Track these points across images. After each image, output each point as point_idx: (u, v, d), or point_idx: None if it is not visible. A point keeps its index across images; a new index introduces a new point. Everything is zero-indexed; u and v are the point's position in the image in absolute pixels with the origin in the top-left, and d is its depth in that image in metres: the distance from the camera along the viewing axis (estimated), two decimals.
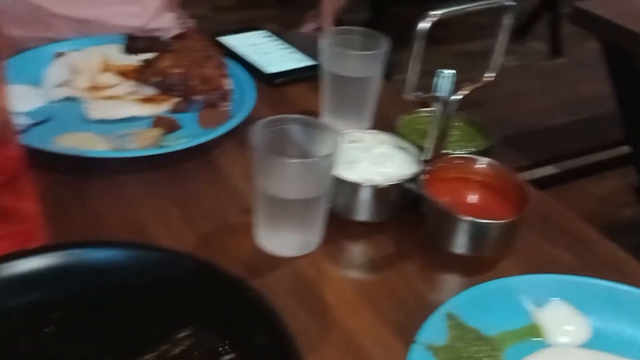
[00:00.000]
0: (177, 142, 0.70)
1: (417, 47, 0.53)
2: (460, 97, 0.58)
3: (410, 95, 0.56)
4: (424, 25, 0.52)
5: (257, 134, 0.55)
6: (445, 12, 0.52)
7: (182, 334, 0.49)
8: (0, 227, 0.54)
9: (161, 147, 0.69)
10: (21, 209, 0.54)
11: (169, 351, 0.47)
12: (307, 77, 0.86)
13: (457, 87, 0.60)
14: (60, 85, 0.78)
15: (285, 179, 0.55)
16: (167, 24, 1.10)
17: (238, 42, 0.93)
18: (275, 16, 3.49)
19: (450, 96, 0.58)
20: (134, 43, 0.82)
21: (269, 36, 0.97)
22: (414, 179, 0.59)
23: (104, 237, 0.58)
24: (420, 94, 0.57)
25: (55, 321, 0.48)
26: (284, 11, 3.50)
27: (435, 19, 0.52)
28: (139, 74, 0.78)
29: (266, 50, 0.93)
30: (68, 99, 0.76)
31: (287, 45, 0.95)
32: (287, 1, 3.41)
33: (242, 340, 0.48)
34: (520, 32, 3.06)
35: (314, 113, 0.75)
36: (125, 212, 0.63)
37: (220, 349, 0.48)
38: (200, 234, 0.61)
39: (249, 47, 0.93)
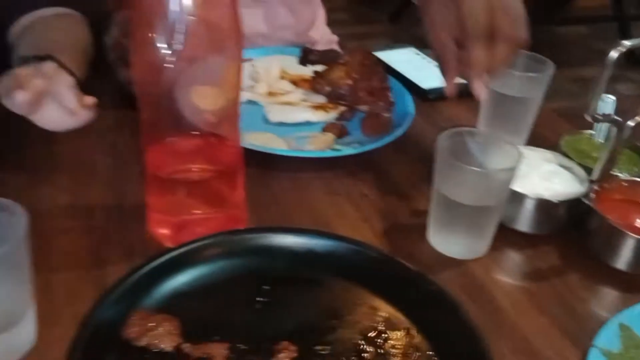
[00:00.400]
0: (351, 146, 0.77)
1: (606, 74, 0.57)
2: (636, 122, 0.62)
3: (592, 117, 0.60)
4: (614, 54, 0.56)
5: (443, 142, 0.61)
6: (636, 43, 0.56)
7: (374, 317, 0.55)
8: (216, 209, 0.62)
9: (336, 149, 0.77)
10: (234, 196, 0.62)
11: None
12: (460, 93, 0.91)
13: (629, 112, 0.63)
14: (244, 89, 0.87)
15: (467, 186, 0.60)
16: (319, 37, 1.19)
17: (392, 57, 1.00)
18: (385, 32, 3.57)
19: (627, 121, 0.61)
20: (308, 55, 0.90)
21: (419, 53, 1.03)
22: (584, 196, 0.63)
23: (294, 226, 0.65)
24: (599, 116, 0.60)
25: (265, 293, 0.55)
26: (395, 27, 3.57)
27: (624, 49, 0.56)
28: (311, 83, 0.86)
29: (419, 66, 0.99)
30: (249, 102, 0.85)
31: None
32: (397, 18, 3.47)
33: (428, 326, 0.53)
34: None
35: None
36: (308, 206, 0.70)
37: (409, 331, 0.53)
38: (375, 231, 0.67)
39: (403, 63, 0.99)
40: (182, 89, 0.55)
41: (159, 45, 0.52)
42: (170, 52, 0.52)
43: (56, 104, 0.64)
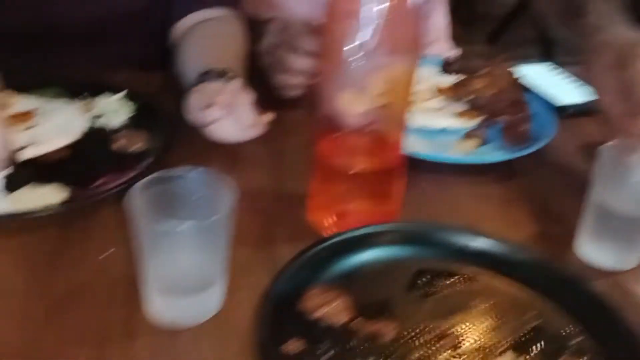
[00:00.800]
0: (494, 154, 0.79)
1: None
2: None
3: None
4: None
5: (606, 154, 0.62)
6: None
7: (529, 315, 0.57)
8: (375, 202, 0.66)
9: (479, 156, 0.79)
10: (393, 191, 0.66)
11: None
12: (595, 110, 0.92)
13: None
14: (380, 94, 0.91)
15: (628, 197, 0.61)
16: (442, 51, 1.22)
17: (529, 72, 1.01)
18: (482, 53, 3.56)
19: None
20: (450, 65, 0.94)
21: (555, 69, 1.04)
22: None
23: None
24: None
25: (425, 283, 0.59)
26: (492, 48, 3.55)
27: None
28: (453, 92, 0.89)
29: (555, 82, 1.00)
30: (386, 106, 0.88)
31: (573, 78, 1.01)
32: (496, 39, 3.44)
33: (588, 327, 0.55)
34: None
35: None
36: (454, 207, 0.73)
37: (568, 331, 0.55)
38: (521, 236, 0.68)
39: (540, 77, 1.00)
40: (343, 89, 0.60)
41: (348, 43, 0.57)
42: (358, 48, 0.57)
43: (234, 119, 0.69)
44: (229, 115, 0.69)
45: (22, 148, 0.69)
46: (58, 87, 0.83)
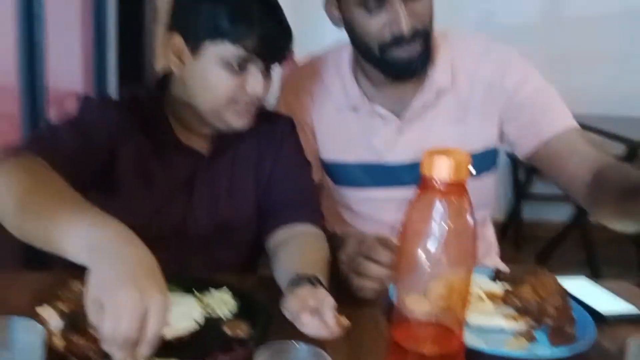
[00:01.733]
0: (544, 351, 0.92)
1: None
2: None
3: None
4: None
5: (632, 347, 0.75)
6: None
7: None
8: None
9: (531, 352, 0.92)
10: None
11: None
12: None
13: None
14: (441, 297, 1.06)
15: None
16: (492, 263, 1.39)
17: (568, 284, 1.16)
18: (510, 258, 3.68)
19: None
20: (499, 274, 1.10)
21: (592, 283, 1.19)
22: None
23: None
24: None
25: None
26: (519, 253, 3.68)
27: None
28: (502, 298, 1.04)
29: (594, 293, 1.14)
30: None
31: (610, 291, 1.15)
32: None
33: None
34: None
35: None
36: None
37: None
38: None
39: (580, 289, 1.14)
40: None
41: (420, 251, 0.75)
42: (424, 260, 0.75)
43: (318, 319, 0.84)
44: (315, 316, 0.85)
45: None
46: (172, 283, 1.02)
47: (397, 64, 1.22)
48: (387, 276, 1.01)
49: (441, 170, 0.74)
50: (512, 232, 3.89)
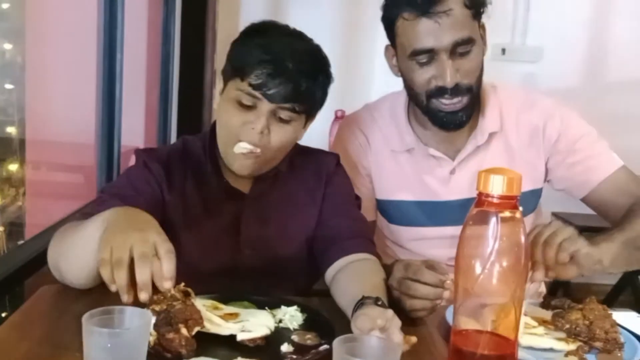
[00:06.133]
0: None
1: None
2: None
3: None
4: None
5: None
6: None
7: None
8: None
9: None
10: None
11: None
12: None
13: None
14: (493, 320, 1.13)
15: None
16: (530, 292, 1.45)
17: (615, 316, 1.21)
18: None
19: None
20: (548, 302, 1.17)
21: (638, 316, 1.24)
22: None
23: None
24: None
25: None
26: None
27: None
28: (552, 322, 1.10)
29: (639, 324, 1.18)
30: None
31: None
32: None
33: None
34: None
35: None
36: None
37: None
38: None
39: (625, 318, 1.19)
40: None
41: (476, 269, 0.84)
42: (476, 283, 0.83)
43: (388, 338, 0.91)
44: (384, 334, 0.92)
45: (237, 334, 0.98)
46: (247, 301, 1.13)
47: (441, 112, 1.35)
48: (436, 295, 1.09)
49: (495, 186, 0.83)
50: (561, 293, 3.85)
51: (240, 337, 0.97)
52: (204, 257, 1.25)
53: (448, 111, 1.34)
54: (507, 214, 0.85)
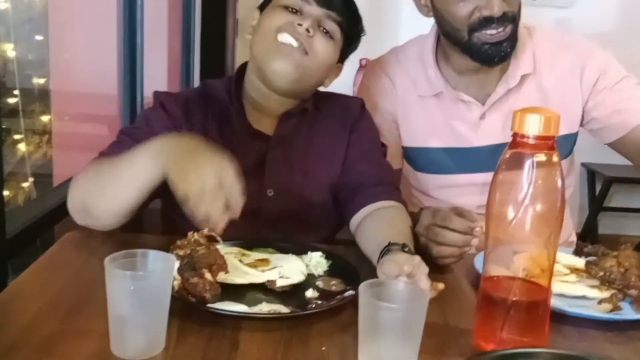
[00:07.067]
0: (630, 315, 0.95)
1: None
2: None
3: None
4: None
5: None
6: None
7: None
8: (526, 335, 0.83)
9: (617, 314, 0.95)
10: (540, 328, 0.83)
11: None
12: None
13: None
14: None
15: None
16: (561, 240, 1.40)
17: None
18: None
19: None
20: (582, 249, 1.13)
21: None
22: None
23: None
24: None
25: None
26: None
27: None
28: (586, 270, 1.07)
29: None
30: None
31: None
32: None
33: None
34: None
35: None
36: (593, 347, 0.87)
37: None
38: None
39: None
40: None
41: (508, 214, 0.81)
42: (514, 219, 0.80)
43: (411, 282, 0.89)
44: (411, 281, 0.90)
45: (275, 280, 0.97)
46: (271, 247, 1.11)
47: (485, 45, 1.28)
48: (465, 242, 1.06)
49: (532, 125, 0.79)
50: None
51: (279, 283, 0.96)
52: None
53: (493, 42, 1.28)
54: (543, 156, 0.81)
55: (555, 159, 0.82)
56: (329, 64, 1.24)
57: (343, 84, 1.60)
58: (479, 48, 1.29)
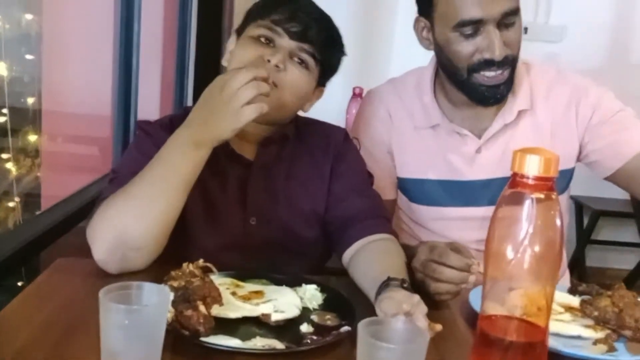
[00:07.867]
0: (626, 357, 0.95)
1: None
2: None
3: None
4: None
5: None
6: None
7: None
8: None
9: (612, 355, 0.95)
10: None
11: None
12: None
13: None
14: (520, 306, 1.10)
15: None
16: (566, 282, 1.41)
17: None
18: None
19: None
20: (577, 287, 1.13)
21: None
22: None
23: None
24: None
25: None
26: None
27: None
28: (580, 309, 1.07)
29: None
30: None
31: None
32: None
33: None
34: None
35: None
36: None
37: None
38: None
39: None
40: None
41: (507, 253, 0.80)
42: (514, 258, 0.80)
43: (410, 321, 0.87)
44: (409, 318, 0.88)
45: (269, 314, 0.96)
46: (265, 279, 1.10)
47: (482, 87, 1.30)
48: (462, 279, 1.06)
49: (531, 166, 0.79)
50: (575, 279, 3.81)
51: (274, 317, 0.95)
52: (212, 225, 1.21)
53: (490, 85, 1.30)
54: (542, 196, 0.81)
55: (554, 198, 0.82)
56: (304, 92, 1.23)
57: (336, 112, 1.60)
58: (476, 89, 1.30)
